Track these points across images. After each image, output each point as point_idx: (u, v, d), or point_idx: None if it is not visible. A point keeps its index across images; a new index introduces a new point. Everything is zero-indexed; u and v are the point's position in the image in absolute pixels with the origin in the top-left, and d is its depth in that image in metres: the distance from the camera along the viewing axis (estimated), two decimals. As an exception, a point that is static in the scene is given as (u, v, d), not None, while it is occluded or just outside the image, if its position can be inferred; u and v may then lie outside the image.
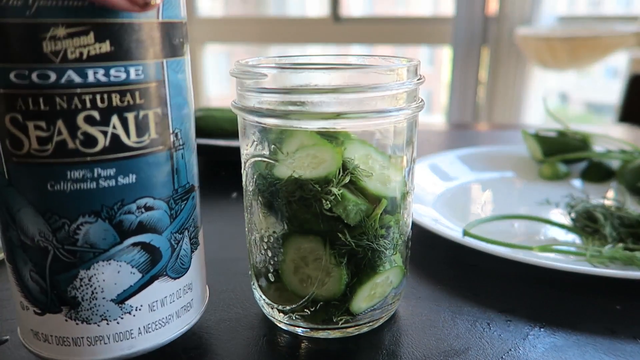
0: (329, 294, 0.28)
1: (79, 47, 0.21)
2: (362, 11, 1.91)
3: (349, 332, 0.30)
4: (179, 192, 0.25)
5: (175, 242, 0.26)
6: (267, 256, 0.29)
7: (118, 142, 0.23)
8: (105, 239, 0.23)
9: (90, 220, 0.23)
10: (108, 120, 0.22)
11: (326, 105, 0.25)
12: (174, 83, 0.24)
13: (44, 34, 0.20)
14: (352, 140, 0.27)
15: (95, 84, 0.21)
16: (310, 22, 1.87)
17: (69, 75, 0.21)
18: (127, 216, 0.24)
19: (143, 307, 0.25)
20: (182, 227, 0.26)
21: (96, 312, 0.24)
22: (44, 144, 0.22)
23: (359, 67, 0.30)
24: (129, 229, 0.24)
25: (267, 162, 0.27)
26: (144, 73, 0.23)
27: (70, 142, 0.22)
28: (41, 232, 0.23)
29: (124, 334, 0.25)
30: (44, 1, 0.20)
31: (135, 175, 0.23)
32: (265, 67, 0.27)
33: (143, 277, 0.25)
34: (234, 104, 0.28)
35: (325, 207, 0.26)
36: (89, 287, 0.24)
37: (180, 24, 0.24)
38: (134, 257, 0.24)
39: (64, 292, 0.24)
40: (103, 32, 0.21)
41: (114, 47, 0.21)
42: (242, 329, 0.31)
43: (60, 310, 0.24)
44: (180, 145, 0.25)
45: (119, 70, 0.22)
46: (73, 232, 0.23)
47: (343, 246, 0.27)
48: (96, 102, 0.22)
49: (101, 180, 0.23)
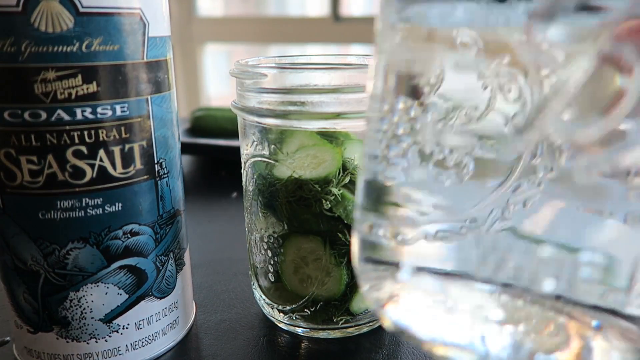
0: (329, 294, 0.28)
1: (67, 89, 0.22)
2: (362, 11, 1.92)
3: (349, 332, 0.30)
4: (164, 217, 0.27)
5: (161, 264, 0.27)
6: (267, 256, 0.29)
7: (105, 174, 0.24)
8: (93, 263, 0.25)
9: (79, 245, 0.24)
10: (95, 154, 0.24)
11: (326, 105, 0.26)
12: (158, 117, 0.26)
13: (35, 77, 0.22)
14: (352, 140, 0.27)
15: (83, 121, 0.23)
16: (310, 22, 1.88)
17: (59, 114, 0.22)
18: (113, 241, 0.25)
19: (130, 325, 0.27)
20: (167, 250, 0.28)
21: (85, 331, 0.26)
22: (36, 176, 0.23)
23: (359, 67, 0.30)
24: (115, 253, 0.25)
25: (267, 162, 0.28)
26: (129, 109, 0.24)
27: (60, 174, 0.23)
28: (33, 257, 0.24)
29: (112, 351, 0.26)
30: (35, 47, 0.21)
31: (121, 203, 0.25)
32: (265, 67, 0.27)
33: (130, 298, 0.26)
34: (234, 104, 0.28)
35: (325, 207, 0.27)
36: (78, 307, 0.25)
37: (164, 62, 0.26)
38: (120, 279, 0.26)
39: (55, 312, 0.25)
40: (90, 74, 0.22)
41: (100, 87, 0.23)
42: (242, 329, 0.31)
43: (52, 329, 0.25)
44: (165, 173, 0.27)
45: (105, 108, 0.23)
46: (63, 257, 0.24)
47: (343, 246, 0.27)
48: (84, 137, 0.23)
49: (89, 209, 0.24)
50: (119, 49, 0.23)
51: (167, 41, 0.26)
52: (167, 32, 0.26)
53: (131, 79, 0.24)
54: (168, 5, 0.26)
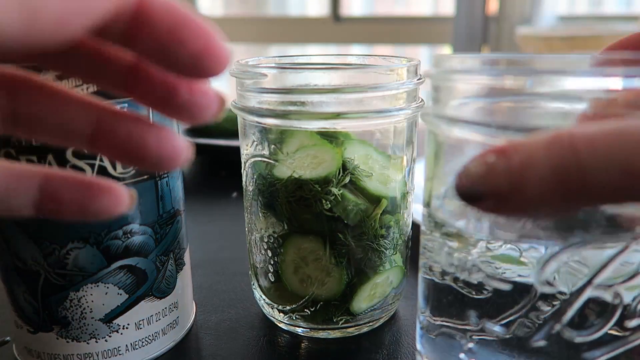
0: (329, 294, 0.28)
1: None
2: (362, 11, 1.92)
3: (349, 332, 0.30)
4: (164, 217, 0.27)
5: (161, 264, 0.27)
6: (267, 256, 0.29)
7: (105, 173, 0.24)
8: (93, 263, 0.25)
9: (79, 245, 0.24)
10: (95, 154, 0.24)
11: (326, 105, 0.26)
12: (158, 116, 0.25)
13: (34, 77, 0.22)
14: (352, 140, 0.27)
15: (83, 121, 0.23)
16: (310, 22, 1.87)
17: (58, 114, 0.22)
18: (113, 241, 0.25)
19: (130, 325, 0.27)
20: (167, 250, 0.28)
21: (85, 331, 0.26)
22: (36, 176, 0.23)
23: (359, 67, 0.30)
24: (115, 253, 0.25)
25: (267, 162, 0.28)
26: (129, 109, 0.24)
27: (60, 174, 0.23)
28: (33, 257, 0.24)
29: (112, 351, 0.26)
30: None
31: (121, 203, 0.25)
32: (265, 67, 0.27)
33: (130, 298, 0.26)
34: (234, 104, 0.29)
35: (325, 207, 0.27)
36: (78, 307, 0.25)
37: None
38: (120, 279, 0.26)
39: (55, 312, 0.25)
40: (89, 74, 0.22)
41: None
42: (242, 329, 0.31)
43: (52, 329, 0.25)
44: (164, 173, 0.27)
45: (105, 108, 0.23)
46: (63, 257, 0.24)
47: (343, 246, 0.27)
48: (84, 137, 0.23)
49: (89, 209, 0.24)
50: (118, 48, 0.23)
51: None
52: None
53: (131, 78, 0.24)
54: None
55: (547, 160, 0.13)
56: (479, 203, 0.14)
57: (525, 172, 0.13)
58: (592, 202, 0.14)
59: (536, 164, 0.13)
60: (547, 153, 0.13)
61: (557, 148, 0.13)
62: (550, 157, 0.13)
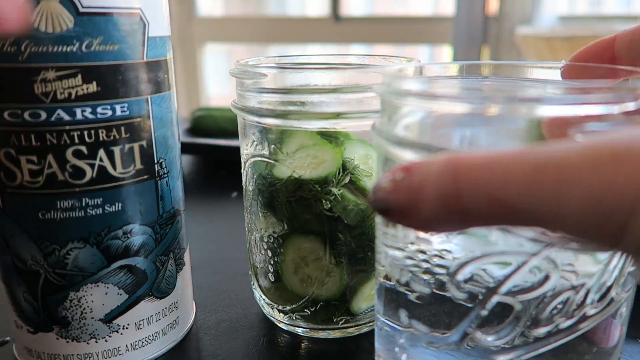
0: (329, 294, 0.28)
1: (67, 88, 0.22)
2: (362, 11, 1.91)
3: (349, 332, 0.30)
4: (164, 217, 0.27)
5: (161, 264, 0.27)
6: (267, 256, 0.29)
7: (105, 174, 0.24)
8: (93, 263, 0.25)
9: (79, 245, 0.24)
10: (95, 154, 0.24)
11: (326, 105, 0.26)
12: (158, 117, 0.26)
13: (35, 77, 0.22)
14: (352, 140, 0.27)
15: (83, 121, 0.23)
16: (310, 22, 1.88)
17: (59, 114, 0.22)
18: (113, 241, 0.25)
19: (130, 325, 0.27)
20: (167, 250, 0.28)
21: (85, 331, 0.26)
22: (35, 176, 0.23)
23: (359, 67, 0.30)
24: (115, 253, 0.25)
25: (267, 162, 0.28)
26: (129, 109, 0.24)
27: (60, 174, 0.23)
28: (33, 257, 0.24)
29: (112, 351, 0.26)
30: (35, 47, 0.21)
31: (121, 203, 0.25)
32: (265, 67, 0.27)
33: (129, 298, 0.26)
34: (234, 104, 0.29)
35: (325, 207, 0.27)
36: (78, 307, 0.25)
37: (164, 62, 0.26)
38: (120, 279, 0.26)
39: (55, 312, 0.25)
40: (90, 74, 0.22)
41: (100, 87, 0.23)
42: (242, 329, 0.31)
43: (52, 329, 0.25)
44: (165, 173, 0.27)
45: (105, 108, 0.23)
46: (63, 257, 0.24)
47: (343, 246, 0.27)
48: (84, 137, 0.23)
49: (89, 209, 0.24)
50: (119, 49, 0.23)
51: (167, 41, 0.26)
52: (167, 32, 0.26)
53: (131, 79, 0.24)
54: (168, 5, 0.26)
55: (435, 183, 0.14)
56: (387, 216, 0.15)
57: (421, 191, 0.14)
58: (470, 225, 0.14)
59: (428, 186, 0.14)
60: (436, 176, 0.14)
61: (445, 172, 0.14)
62: (438, 180, 0.14)
